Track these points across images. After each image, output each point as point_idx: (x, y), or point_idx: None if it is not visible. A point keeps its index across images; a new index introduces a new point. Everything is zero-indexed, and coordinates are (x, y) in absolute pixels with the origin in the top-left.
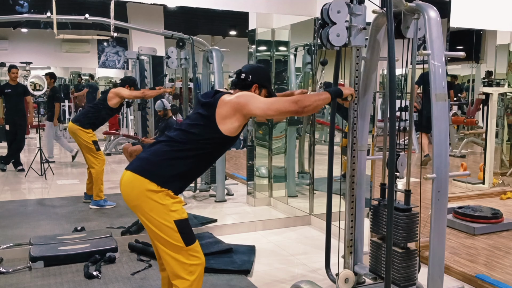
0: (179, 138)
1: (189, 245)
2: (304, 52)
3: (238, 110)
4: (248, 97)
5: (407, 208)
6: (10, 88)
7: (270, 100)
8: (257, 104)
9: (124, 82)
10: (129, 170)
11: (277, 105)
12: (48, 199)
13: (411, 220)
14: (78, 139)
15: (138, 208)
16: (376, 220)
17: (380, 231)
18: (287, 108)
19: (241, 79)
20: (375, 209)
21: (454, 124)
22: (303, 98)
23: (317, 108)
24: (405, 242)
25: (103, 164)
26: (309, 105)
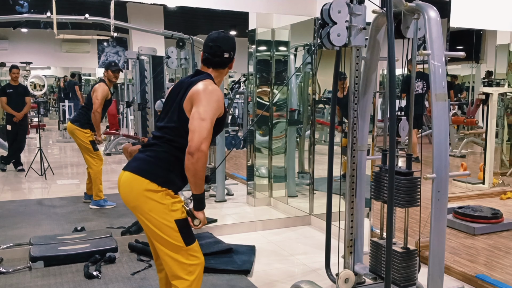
0: (167, 135)
1: (189, 245)
2: (304, 52)
3: (191, 101)
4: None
5: (409, 172)
6: (12, 88)
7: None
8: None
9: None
10: (127, 171)
11: (201, 129)
12: (48, 199)
13: (412, 184)
14: (76, 139)
15: (138, 209)
16: (378, 185)
17: (381, 196)
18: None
19: (217, 56)
20: (377, 174)
21: (454, 124)
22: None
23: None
24: (407, 206)
25: (101, 164)
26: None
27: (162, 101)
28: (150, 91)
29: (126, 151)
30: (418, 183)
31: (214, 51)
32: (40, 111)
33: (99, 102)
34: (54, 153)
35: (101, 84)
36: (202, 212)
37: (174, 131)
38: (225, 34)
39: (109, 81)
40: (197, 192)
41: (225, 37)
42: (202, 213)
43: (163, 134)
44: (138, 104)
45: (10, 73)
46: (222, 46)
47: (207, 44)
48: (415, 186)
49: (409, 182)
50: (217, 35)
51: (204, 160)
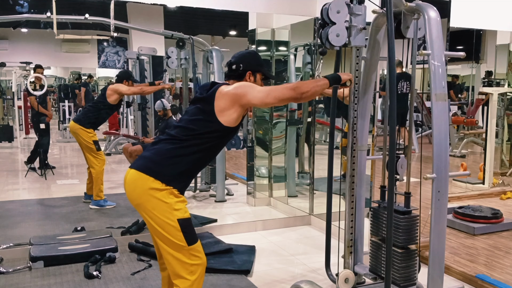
0: (181, 135)
1: (191, 244)
2: (304, 52)
3: (236, 101)
4: (246, 87)
5: (407, 211)
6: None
7: (268, 89)
8: (254, 93)
9: (121, 78)
10: (133, 168)
11: (275, 93)
12: (48, 199)
13: (411, 223)
14: (79, 138)
15: (141, 207)
16: (376, 222)
17: (380, 233)
18: (285, 95)
19: (232, 69)
20: (375, 211)
21: (454, 124)
22: (301, 85)
23: (315, 94)
24: (405, 244)
25: (103, 164)
26: (307, 91)
27: (162, 101)
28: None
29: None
30: (417, 221)
31: (236, 68)
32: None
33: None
34: (54, 153)
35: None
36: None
37: (192, 132)
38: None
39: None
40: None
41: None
42: (343, 75)
43: (176, 134)
44: (138, 104)
45: (34, 72)
46: (232, 59)
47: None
48: (414, 224)
49: (408, 221)
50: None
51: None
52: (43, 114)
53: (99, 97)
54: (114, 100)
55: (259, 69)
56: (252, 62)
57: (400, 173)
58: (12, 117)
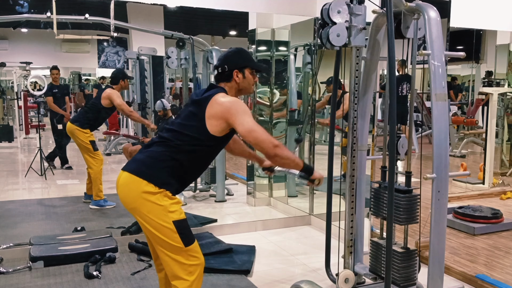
0: (174, 138)
1: (188, 245)
2: (304, 52)
3: (224, 116)
4: (240, 109)
5: (408, 190)
6: (56, 88)
7: (256, 127)
8: (244, 120)
9: (118, 78)
10: (125, 171)
11: (258, 134)
12: (48, 199)
13: (411, 202)
14: (76, 139)
15: (136, 211)
16: (377, 202)
17: (380, 213)
18: (264, 144)
19: (219, 72)
20: (376, 191)
21: (454, 124)
22: (282, 148)
23: (283, 165)
24: (406, 223)
25: (101, 164)
26: (281, 157)
27: (162, 101)
28: (150, 91)
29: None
30: (417, 201)
31: (215, 67)
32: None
33: (125, 105)
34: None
35: (112, 90)
36: (315, 171)
37: (183, 137)
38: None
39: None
40: (301, 167)
41: (224, 54)
42: (316, 173)
43: (169, 137)
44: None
45: (50, 74)
46: (219, 61)
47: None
48: (415, 203)
49: (408, 200)
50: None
51: (283, 152)
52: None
53: (95, 98)
54: (107, 104)
55: (246, 64)
56: (236, 60)
57: (401, 153)
58: (12, 117)
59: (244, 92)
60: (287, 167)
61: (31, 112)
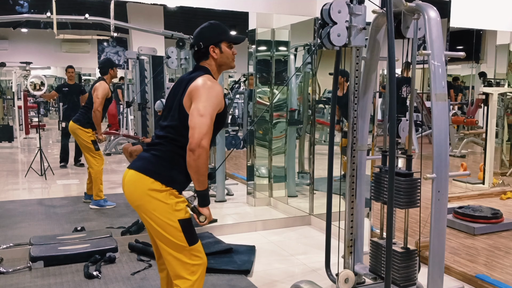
0: (171, 134)
1: (192, 244)
2: (304, 52)
3: (191, 96)
4: (209, 95)
5: (408, 173)
6: (68, 87)
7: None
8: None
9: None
10: (132, 169)
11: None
12: (48, 199)
13: (412, 185)
14: (77, 138)
15: (142, 208)
16: (378, 186)
17: (381, 197)
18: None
19: (195, 51)
20: (377, 175)
21: (454, 124)
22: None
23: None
24: (407, 207)
25: (102, 164)
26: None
27: (162, 101)
28: (150, 91)
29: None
30: (418, 184)
31: (191, 45)
32: (40, 111)
33: (100, 101)
34: (54, 153)
35: (102, 83)
36: (207, 208)
37: (176, 130)
38: (203, 25)
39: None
40: (201, 189)
41: (197, 29)
42: (207, 209)
43: (166, 134)
44: (138, 104)
45: (66, 72)
46: (194, 39)
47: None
48: (415, 187)
49: (409, 183)
50: (198, 29)
51: (205, 156)
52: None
53: (88, 97)
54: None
55: (221, 38)
56: (209, 35)
57: (402, 136)
58: (12, 117)
59: (225, 67)
60: (193, 173)
61: (31, 112)
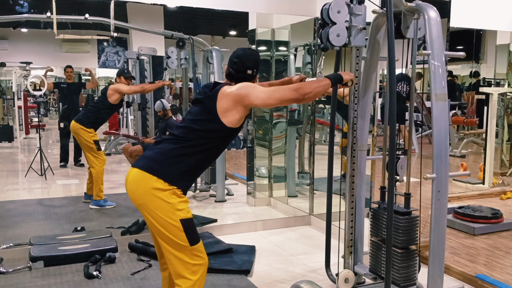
0: (184, 135)
1: (194, 244)
2: (304, 52)
3: (238, 102)
4: (248, 88)
5: (407, 212)
6: (66, 84)
7: (270, 90)
8: (257, 94)
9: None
10: (136, 168)
11: (278, 94)
12: (48, 199)
13: (411, 223)
14: (79, 138)
15: (144, 207)
16: (376, 223)
17: (380, 234)
18: (287, 96)
19: (240, 71)
20: (375, 212)
21: (454, 124)
22: (303, 86)
23: (317, 95)
24: (405, 245)
25: (103, 164)
26: (309, 92)
27: (162, 101)
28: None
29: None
30: (416, 222)
31: (238, 67)
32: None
33: (132, 87)
34: (54, 153)
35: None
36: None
37: (196, 133)
38: (250, 51)
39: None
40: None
41: (250, 54)
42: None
43: (180, 134)
44: (138, 104)
45: (64, 72)
46: (246, 63)
47: (231, 60)
48: (414, 225)
49: (407, 222)
50: (242, 52)
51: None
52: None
53: (99, 97)
54: (115, 100)
55: (259, 67)
56: (257, 63)
57: (400, 174)
58: (12, 117)
59: None
60: (320, 94)
61: (31, 112)
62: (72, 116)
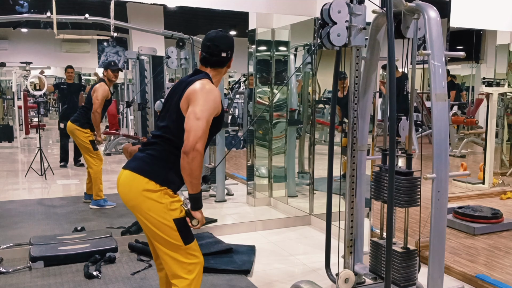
0: (168, 134)
1: (188, 244)
2: (304, 52)
3: (188, 99)
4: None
5: (409, 172)
6: (66, 85)
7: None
8: (199, 108)
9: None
10: (126, 169)
11: (199, 127)
12: (48, 199)
13: (412, 184)
14: (76, 138)
15: (136, 208)
16: (378, 185)
17: (381, 196)
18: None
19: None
20: (377, 174)
21: (454, 124)
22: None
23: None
24: (407, 206)
25: (101, 164)
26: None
27: (161, 101)
28: (150, 91)
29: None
30: (418, 183)
31: (212, 50)
32: (40, 111)
33: (99, 102)
34: (54, 153)
35: (102, 84)
36: (200, 211)
37: (172, 130)
38: (223, 33)
39: (108, 81)
40: (193, 192)
41: (223, 36)
42: (199, 213)
43: (162, 133)
44: (138, 104)
45: (65, 72)
46: (220, 45)
47: (204, 44)
48: (415, 186)
49: (409, 182)
50: (215, 34)
51: (199, 159)
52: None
53: (88, 97)
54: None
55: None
56: (231, 45)
57: (402, 135)
58: (12, 117)
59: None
60: (187, 176)
61: (31, 112)
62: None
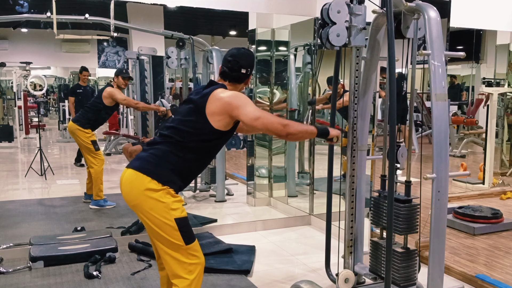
0: (174, 135)
1: (189, 244)
2: (304, 52)
3: (226, 110)
4: (241, 100)
5: (408, 199)
6: (81, 88)
7: (260, 113)
8: (248, 110)
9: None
10: (130, 168)
11: (266, 120)
12: (48, 199)
13: (411, 211)
14: (77, 139)
15: (138, 207)
16: (377, 211)
17: (380, 222)
18: (273, 126)
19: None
20: (376, 200)
21: (454, 124)
22: (292, 124)
23: (299, 139)
24: (406, 233)
25: (102, 164)
26: (294, 133)
27: (162, 101)
28: (150, 91)
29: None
30: (417, 210)
31: (232, 65)
32: (40, 111)
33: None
34: (54, 153)
35: (112, 88)
36: (331, 131)
37: (185, 134)
38: (245, 50)
39: (117, 87)
40: (314, 136)
41: (244, 54)
42: (332, 131)
43: (171, 134)
44: None
45: (80, 74)
46: (240, 61)
47: (226, 58)
48: (415, 213)
49: (408, 210)
50: (237, 51)
51: (293, 129)
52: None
53: (96, 97)
54: (109, 103)
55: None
56: (251, 62)
57: (401, 162)
58: (12, 117)
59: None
60: (302, 139)
61: (31, 112)
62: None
